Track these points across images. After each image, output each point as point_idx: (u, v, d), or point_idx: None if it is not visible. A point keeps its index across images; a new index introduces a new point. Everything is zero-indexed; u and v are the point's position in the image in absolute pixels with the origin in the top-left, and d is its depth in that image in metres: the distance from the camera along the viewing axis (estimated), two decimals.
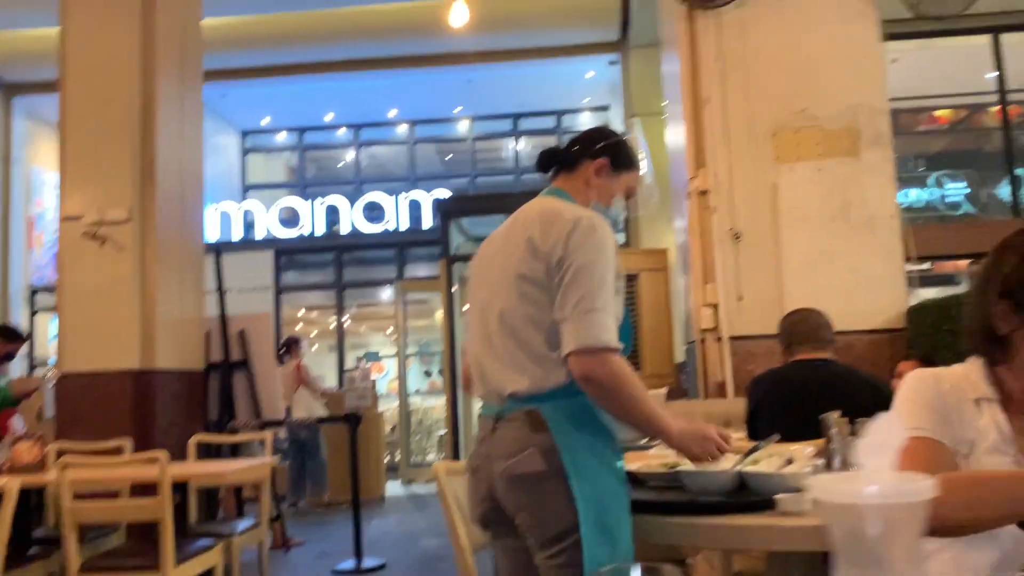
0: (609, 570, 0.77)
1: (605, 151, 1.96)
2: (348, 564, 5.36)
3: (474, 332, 1.92)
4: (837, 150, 4.74)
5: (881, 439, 0.55)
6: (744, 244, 4.73)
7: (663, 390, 3.26)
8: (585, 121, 12.45)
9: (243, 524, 4.23)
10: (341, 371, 11.73)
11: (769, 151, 4.78)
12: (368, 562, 5.36)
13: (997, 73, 8.75)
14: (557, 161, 2.01)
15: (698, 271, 4.84)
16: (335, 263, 12.11)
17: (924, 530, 0.54)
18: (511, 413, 1.77)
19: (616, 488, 1.78)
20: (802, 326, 2.98)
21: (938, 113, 10.93)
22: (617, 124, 10.63)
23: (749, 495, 1.91)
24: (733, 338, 4.70)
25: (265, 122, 13.16)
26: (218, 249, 6.27)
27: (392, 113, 12.90)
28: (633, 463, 2.33)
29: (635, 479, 2.23)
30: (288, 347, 8.15)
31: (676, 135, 5.40)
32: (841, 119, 4.76)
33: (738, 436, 2.88)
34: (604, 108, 12.11)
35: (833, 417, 2.03)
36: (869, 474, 0.54)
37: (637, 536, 1.80)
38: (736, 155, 4.79)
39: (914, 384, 1.46)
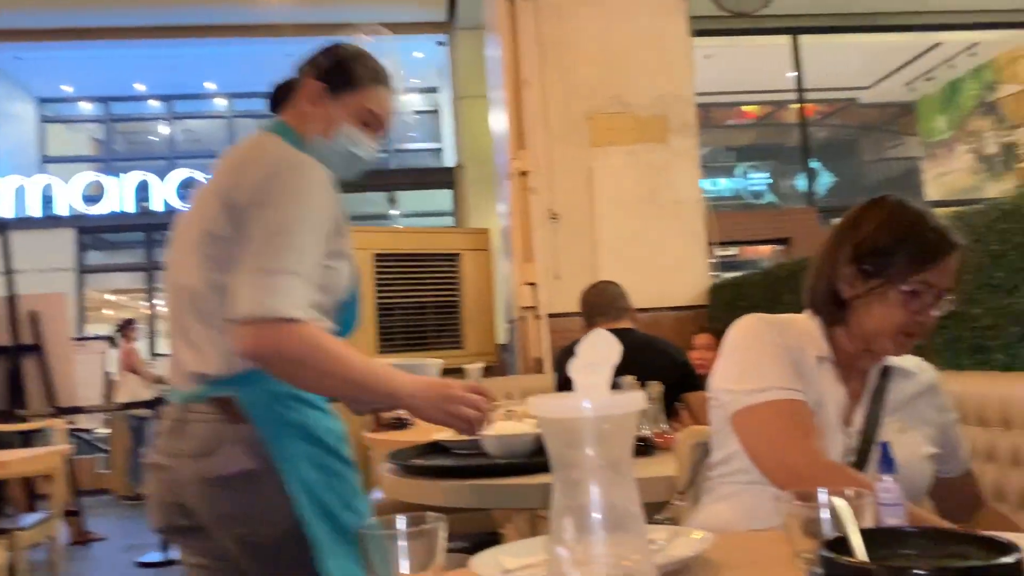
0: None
1: (316, 71, 1.57)
2: (154, 556, 5.09)
3: (168, 306, 1.57)
4: (648, 136, 4.95)
5: (592, 357, 0.56)
6: (562, 225, 4.85)
7: (479, 365, 3.30)
8: (413, 102, 12.36)
9: (31, 518, 3.91)
10: (153, 357, 11.09)
11: (585, 135, 4.92)
12: (175, 553, 5.10)
13: (796, 73, 9.43)
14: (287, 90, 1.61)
15: (519, 251, 4.93)
16: (145, 243, 11.41)
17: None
18: (200, 401, 1.42)
19: (340, 475, 1.46)
20: (599, 298, 3.09)
21: (746, 108, 11.69)
22: (445, 106, 10.63)
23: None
24: (551, 315, 4.82)
25: (66, 90, 12.17)
26: (5, 224, 5.74)
27: (209, 85, 12.27)
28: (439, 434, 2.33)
29: (441, 449, 2.24)
30: (122, 329, 7.75)
31: (499, 118, 5.46)
32: (652, 107, 4.97)
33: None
34: (432, 90, 12.07)
35: (627, 381, 2.11)
36: (582, 390, 0.55)
37: (450, 505, 1.78)
38: (555, 138, 4.90)
39: (762, 333, 1.44)
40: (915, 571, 0.66)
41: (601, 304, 3.06)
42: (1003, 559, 0.66)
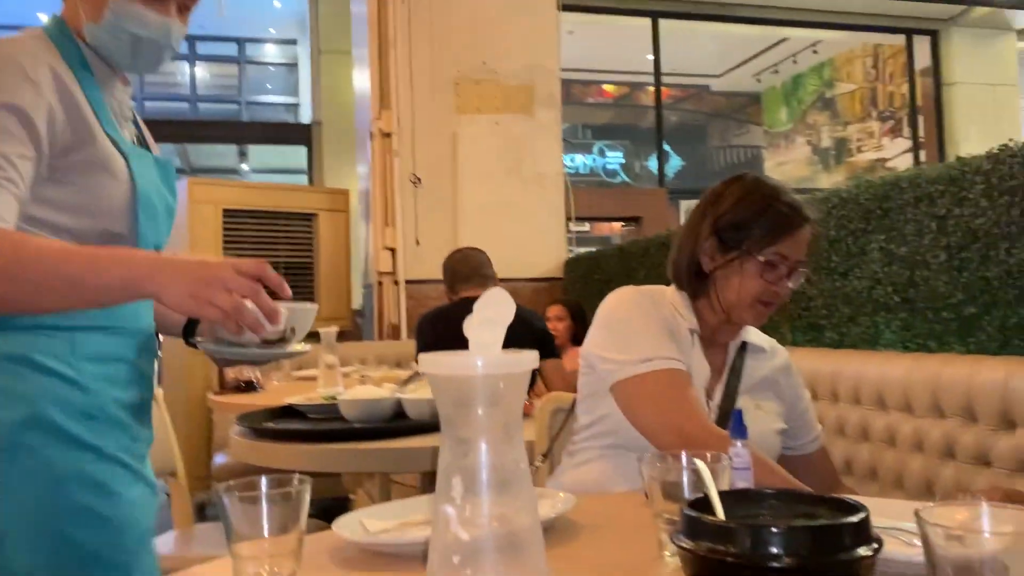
0: None
1: None
2: None
3: None
4: (514, 107, 4.97)
5: (488, 315, 0.55)
6: (424, 190, 4.81)
7: (333, 329, 3.23)
8: (270, 52, 11.87)
9: None
10: None
11: (451, 100, 4.88)
12: None
13: (654, 57, 9.71)
14: None
15: (379, 214, 4.84)
16: None
17: None
18: None
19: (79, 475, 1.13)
20: (463, 265, 3.10)
21: (606, 87, 11.94)
22: (304, 60, 10.25)
23: (407, 421, 1.95)
24: (409, 281, 4.78)
25: None
26: None
27: None
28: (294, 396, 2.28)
29: (294, 412, 2.19)
30: None
31: (362, 76, 5.32)
32: (518, 77, 4.99)
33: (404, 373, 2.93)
34: (291, 42, 11.61)
35: None
36: (475, 348, 0.54)
37: (303, 469, 1.75)
38: (419, 101, 4.83)
39: (642, 304, 1.47)
40: (771, 528, 0.70)
41: (465, 271, 3.06)
42: (850, 518, 0.71)
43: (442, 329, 2.96)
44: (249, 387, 3.20)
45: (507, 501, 0.53)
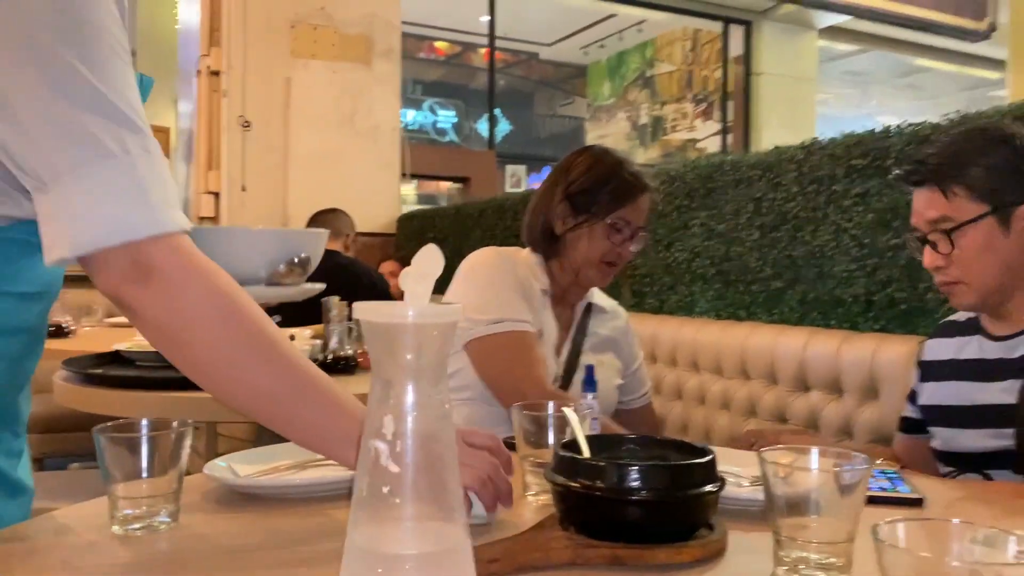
0: None
1: None
2: None
3: None
4: (351, 55, 4.88)
5: (421, 270, 0.60)
6: (253, 134, 4.63)
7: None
8: None
9: None
10: None
11: (286, 43, 4.72)
12: None
13: (489, 18, 9.77)
14: None
15: (202, 156, 4.63)
16: None
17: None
18: None
19: None
20: (319, 217, 3.12)
21: (438, 44, 11.87)
22: None
23: None
24: None
25: None
26: None
27: None
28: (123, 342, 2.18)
29: (121, 359, 2.10)
30: None
31: (190, 8, 5.03)
32: (358, 25, 4.89)
33: None
34: None
35: (333, 300, 2.14)
36: (409, 298, 0.59)
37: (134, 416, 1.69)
38: (252, 40, 4.63)
39: (500, 266, 1.56)
40: (635, 466, 0.79)
41: (318, 222, 3.10)
42: (700, 459, 0.82)
43: None
44: (59, 332, 3.00)
45: (432, 438, 0.58)
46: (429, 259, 0.60)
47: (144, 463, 0.86)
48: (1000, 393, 1.27)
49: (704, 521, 0.82)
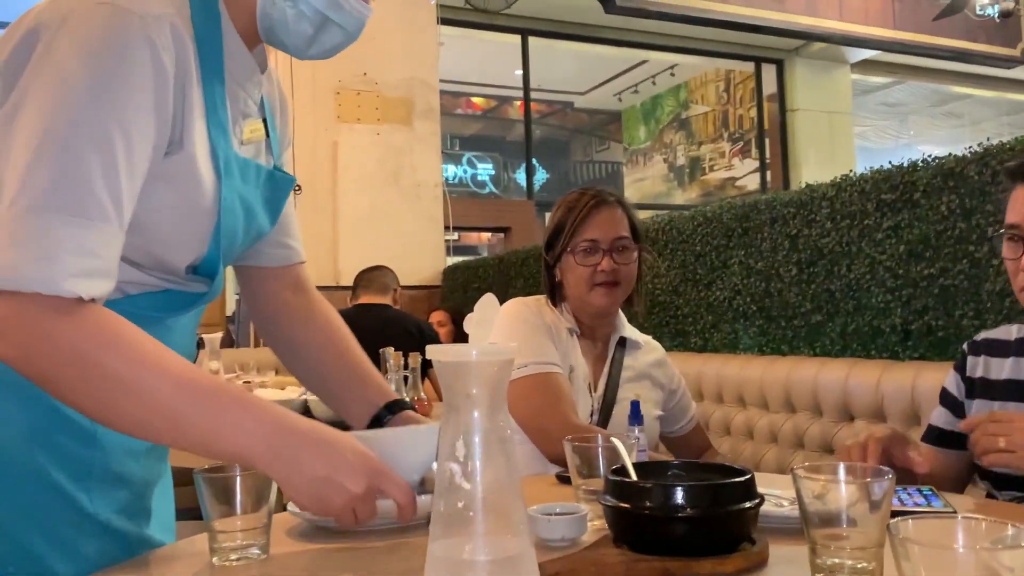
0: None
1: None
2: None
3: None
4: (393, 117, 5.08)
5: (481, 316, 0.70)
6: (304, 197, 4.83)
7: (217, 335, 3.24)
8: None
9: None
10: None
11: (331, 108, 4.94)
12: None
13: (522, 72, 10.03)
14: None
15: None
16: None
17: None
18: None
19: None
20: (367, 275, 3.27)
21: (475, 100, 12.17)
22: None
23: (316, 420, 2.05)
24: None
25: None
26: None
27: None
28: None
29: None
30: None
31: None
32: (398, 88, 5.11)
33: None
34: None
35: (390, 351, 2.25)
36: (472, 340, 0.69)
37: None
38: (299, 107, 4.85)
39: (523, 314, 1.68)
40: (678, 486, 0.87)
41: (367, 279, 3.24)
42: (738, 478, 0.89)
43: None
44: None
45: (496, 459, 0.67)
46: (488, 306, 0.70)
47: (238, 501, 0.96)
48: None
49: (746, 536, 0.89)
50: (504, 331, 1.65)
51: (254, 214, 1.04)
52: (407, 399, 2.24)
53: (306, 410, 2.06)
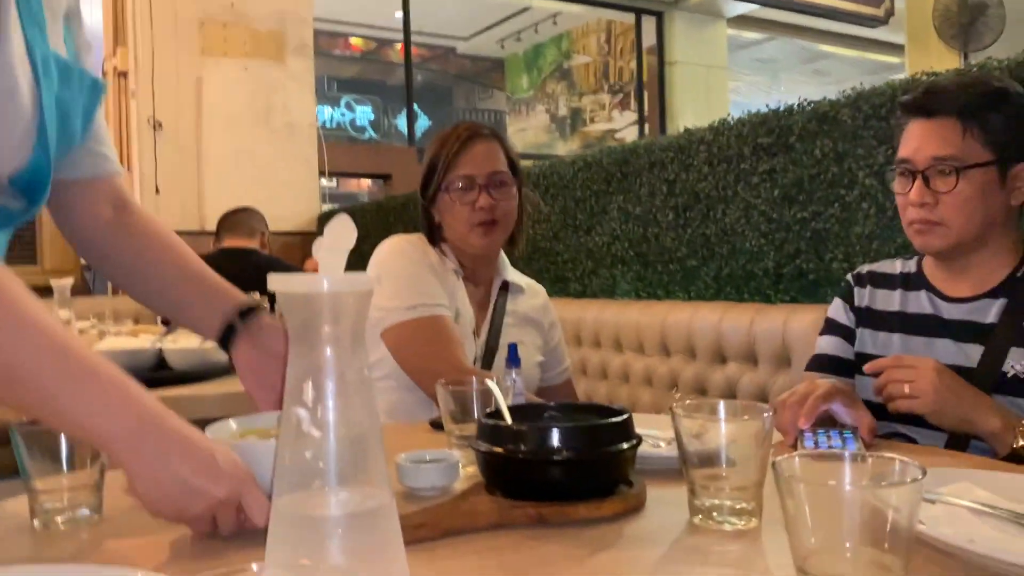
0: None
1: None
2: None
3: None
4: (263, 52, 4.80)
5: (334, 240, 0.61)
6: (165, 135, 4.52)
7: (66, 281, 2.99)
8: None
9: None
10: None
11: (195, 42, 4.62)
12: None
13: (402, 13, 9.72)
14: None
15: None
16: None
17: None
18: None
19: None
20: (232, 216, 3.06)
21: (353, 41, 11.75)
22: None
23: (170, 370, 1.91)
24: None
25: None
26: None
27: None
28: None
29: None
30: None
31: (93, 8, 4.86)
32: (269, 21, 4.82)
33: (139, 328, 2.81)
34: None
35: (254, 298, 2.12)
36: (323, 268, 0.60)
37: None
38: (159, 40, 4.52)
39: (409, 252, 1.57)
40: (554, 429, 0.82)
41: (233, 221, 3.03)
42: (615, 419, 0.85)
43: None
44: None
45: (352, 404, 0.60)
46: (342, 230, 0.61)
47: (64, 456, 0.85)
48: (955, 354, 1.28)
49: (623, 478, 0.85)
50: (388, 269, 1.55)
51: (69, 120, 0.94)
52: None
53: (160, 360, 1.92)
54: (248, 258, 2.90)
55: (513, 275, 1.73)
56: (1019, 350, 1.23)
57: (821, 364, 1.49)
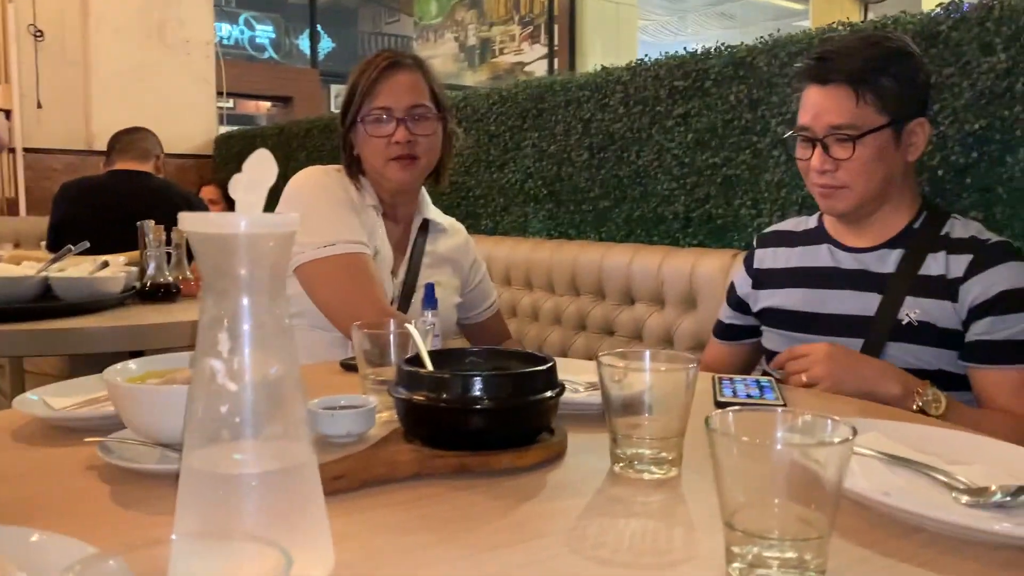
0: None
1: None
2: None
3: None
4: None
5: (253, 177, 0.56)
6: (47, 45, 4.19)
7: None
8: None
9: None
10: None
11: None
12: None
13: None
14: None
15: None
16: None
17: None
18: None
19: None
20: (124, 137, 2.87)
21: None
22: None
23: (57, 300, 1.79)
24: (29, 150, 4.20)
25: None
26: None
27: None
28: None
29: None
30: None
31: None
32: None
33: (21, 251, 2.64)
34: None
35: (150, 224, 2.00)
36: (241, 207, 0.55)
37: None
38: None
39: (327, 185, 1.48)
40: (477, 376, 0.80)
41: (126, 142, 2.83)
42: (539, 367, 0.84)
43: (90, 200, 2.69)
44: None
45: (272, 354, 0.56)
46: (261, 165, 0.56)
47: None
48: (853, 303, 1.32)
49: (545, 426, 0.84)
50: (306, 203, 1.47)
51: None
52: (171, 279, 2.03)
53: (47, 288, 1.79)
54: (141, 181, 2.74)
55: (434, 214, 1.68)
56: (914, 299, 1.28)
57: (721, 332, 1.59)
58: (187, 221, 0.54)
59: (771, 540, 0.56)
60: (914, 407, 1.13)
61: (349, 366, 1.22)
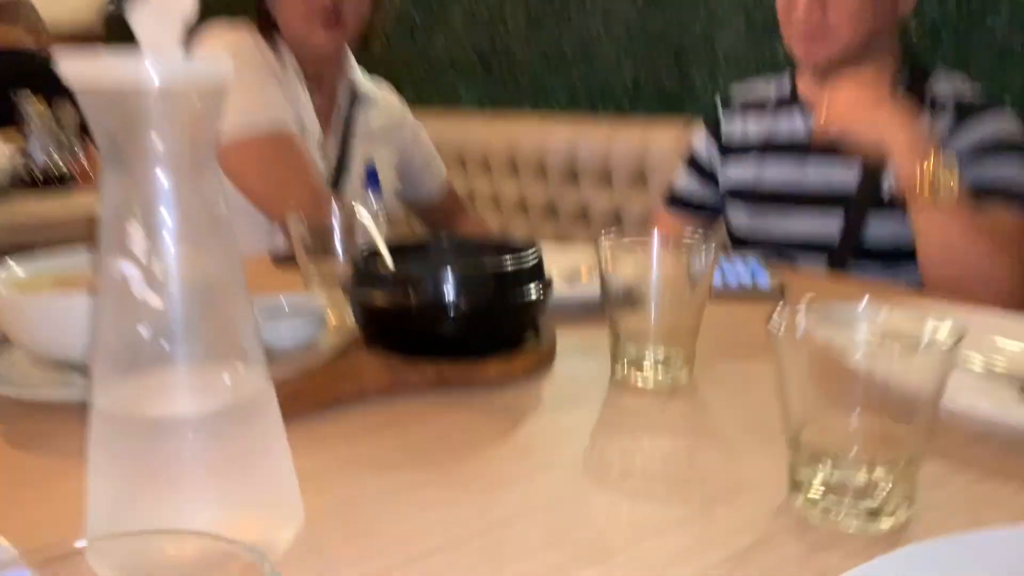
0: None
1: None
2: None
3: None
4: None
5: (162, 5, 0.40)
6: None
7: None
8: None
9: None
10: None
11: None
12: None
13: None
14: None
15: None
16: None
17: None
18: None
19: None
20: None
21: None
22: None
23: None
24: None
25: None
26: None
27: None
28: None
29: None
30: None
31: None
32: None
33: None
34: None
35: (31, 99, 1.75)
36: (148, 46, 0.39)
37: None
38: None
39: (241, 49, 1.27)
40: (454, 275, 0.66)
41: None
42: (526, 263, 0.69)
43: None
44: None
45: (206, 252, 0.41)
46: None
47: None
48: (829, 170, 1.23)
49: (534, 326, 0.72)
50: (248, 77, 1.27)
51: None
52: (63, 167, 1.78)
53: None
54: (27, 59, 2.41)
55: (366, 85, 1.48)
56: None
57: (677, 201, 1.42)
58: (70, 66, 0.37)
59: (848, 462, 0.45)
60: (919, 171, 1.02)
61: (281, 259, 1.06)
